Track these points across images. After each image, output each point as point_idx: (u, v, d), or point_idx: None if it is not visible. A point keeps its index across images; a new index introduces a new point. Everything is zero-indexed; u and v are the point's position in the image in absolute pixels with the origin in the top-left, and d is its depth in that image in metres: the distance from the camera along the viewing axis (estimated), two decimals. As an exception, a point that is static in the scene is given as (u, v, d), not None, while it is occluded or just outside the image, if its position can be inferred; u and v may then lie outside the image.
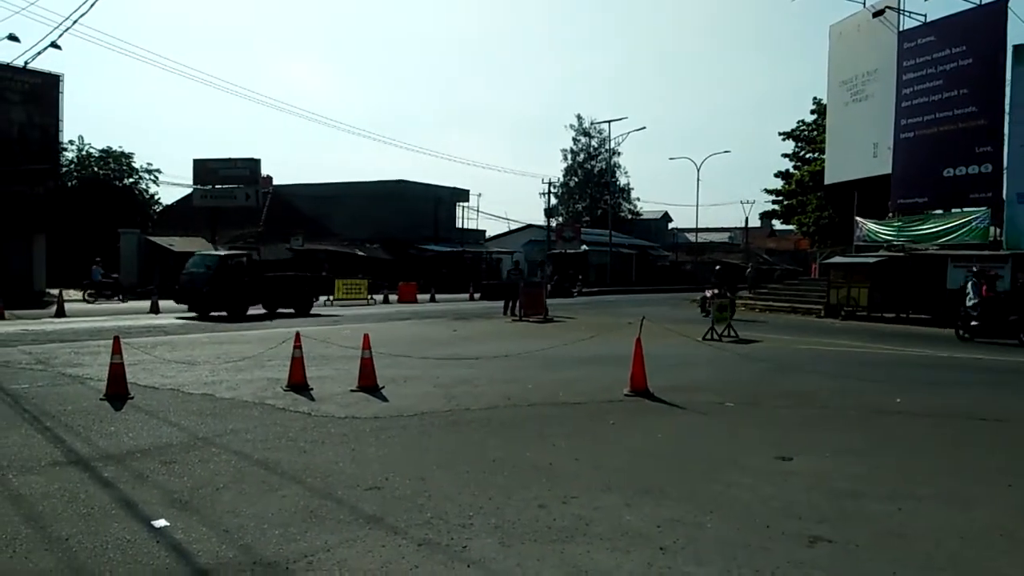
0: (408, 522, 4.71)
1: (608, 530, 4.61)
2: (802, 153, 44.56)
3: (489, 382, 10.34)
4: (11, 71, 29.11)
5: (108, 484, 5.46)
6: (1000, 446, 7.28)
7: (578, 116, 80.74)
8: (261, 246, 41.83)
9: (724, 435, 7.50)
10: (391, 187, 52.20)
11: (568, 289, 42.14)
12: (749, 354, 14.39)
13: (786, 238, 78.72)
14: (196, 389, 9.42)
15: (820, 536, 4.54)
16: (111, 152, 46.70)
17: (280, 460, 6.14)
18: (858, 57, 29.92)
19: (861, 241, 28.51)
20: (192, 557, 4.13)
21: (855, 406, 9.15)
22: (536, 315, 22.49)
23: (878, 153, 28.37)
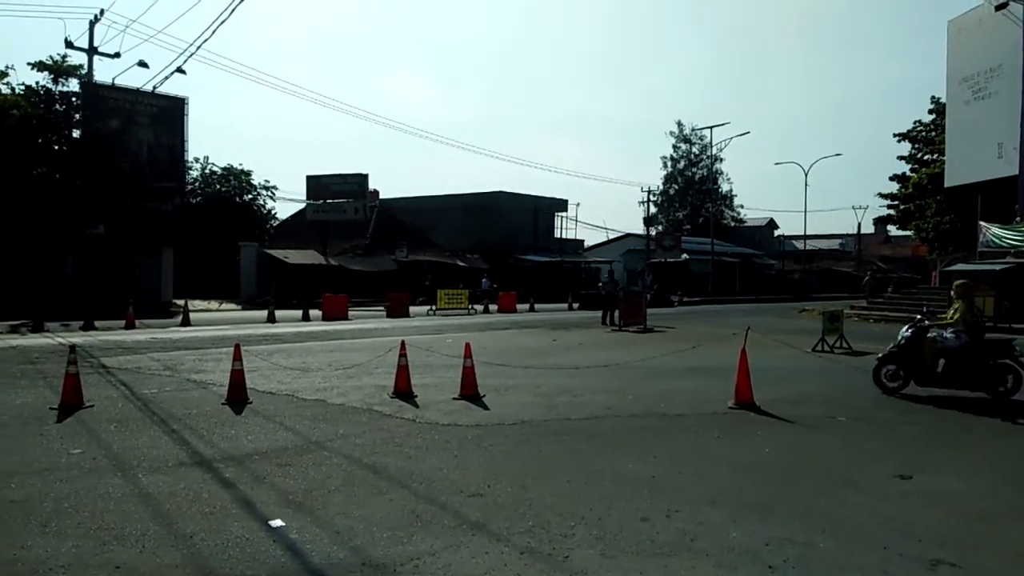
0: (510, 530, 4.76)
1: (713, 546, 4.51)
2: (920, 155, 42.41)
3: (589, 392, 10.30)
4: (141, 95, 31.33)
5: (229, 484, 5.77)
6: None
7: (678, 122, 79.79)
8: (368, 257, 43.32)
9: (836, 450, 7.19)
10: (490, 198, 52.90)
11: (668, 298, 41.46)
12: (863, 366, 13.72)
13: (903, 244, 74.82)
14: (309, 395, 9.83)
15: (942, 560, 4.29)
16: (232, 170, 49.40)
17: (387, 465, 6.33)
18: (980, 53, 28.25)
19: (985, 247, 26.77)
20: (305, 556, 4.32)
21: (980, 422, 8.59)
22: (636, 325, 22.23)
23: (1003, 153, 26.64)
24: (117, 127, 31.66)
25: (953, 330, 9.75)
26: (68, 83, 32.14)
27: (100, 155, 30.70)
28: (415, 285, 38.42)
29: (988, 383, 9.56)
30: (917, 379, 9.96)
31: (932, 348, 9.74)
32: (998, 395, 9.51)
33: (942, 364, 9.68)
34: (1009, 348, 9.51)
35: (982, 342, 9.62)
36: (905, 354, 10.02)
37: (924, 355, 9.77)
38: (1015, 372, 9.46)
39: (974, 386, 9.62)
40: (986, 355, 9.57)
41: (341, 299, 27.93)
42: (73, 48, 29.99)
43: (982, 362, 9.53)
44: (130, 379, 11.05)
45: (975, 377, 9.57)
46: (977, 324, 9.84)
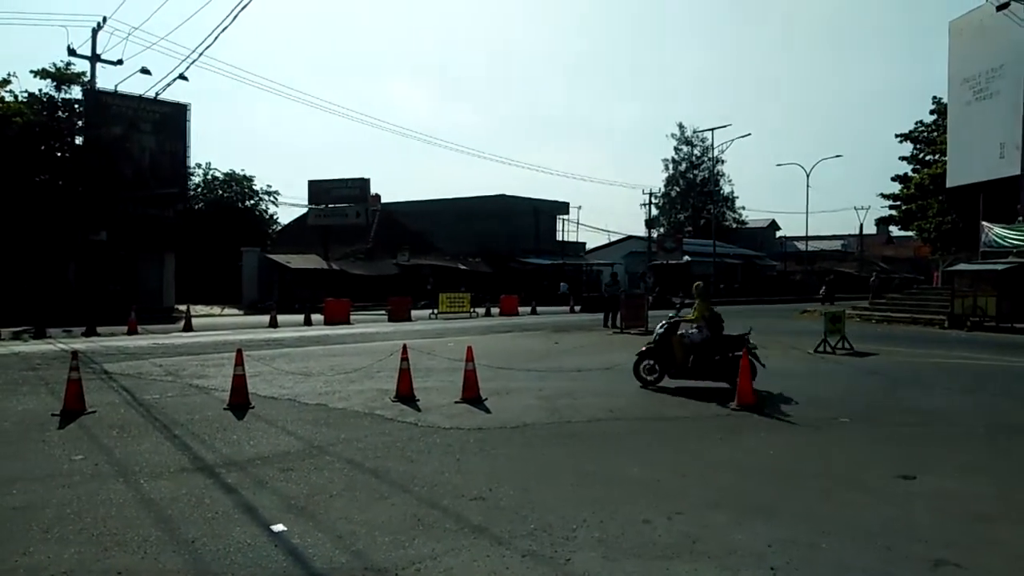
0: (512, 533, 4.75)
1: (716, 548, 4.50)
2: (921, 155, 42.30)
3: (591, 395, 10.29)
4: (143, 102, 31.34)
5: (231, 489, 5.77)
6: None
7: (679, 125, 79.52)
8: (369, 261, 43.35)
9: (839, 452, 7.17)
10: (492, 202, 52.92)
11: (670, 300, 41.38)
12: (865, 367, 13.73)
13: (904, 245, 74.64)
14: (311, 399, 9.83)
15: (946, 560, 4.28)
16: (234, 175, 49.43)
17: (389, 469, 6.33)
18: (981, 53, 28.23)
19: (987, 247, 26.70)
20: (308, 561, 4.32)
21: (983, 423, 8.57)
22: (637, 327, 22.21)
23: (1005, 153, 26.61)
24: (120, 134, 31.71)
25: (696, 326, 10.59)
26: (71, 90, 32.23)
27: (102, 162, 30.75)
28: (417, 289, 38.43)
29: (727, 374, 10.20)
30: (670, 372, 10.70)
31: (680, 343, 10.51)
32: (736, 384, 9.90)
33: (691, 359, 10.40)
34: (743, 341, 10.29)
35: (721, 337, 10.51)
36: (660, 349, 10.74)
37: (674, 350, 10.53)
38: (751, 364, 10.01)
39: (716, 376, 10.39)
40: (725, 348, 10.38)
41: (343, 303, 27.94)
42: (76, 56, 30.03)
43: (722, 355, 10.33)
44: (132, 385, 11.05)
45: (716, 368, 10.38)
46: (715, 319, 10.58)
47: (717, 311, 10.80)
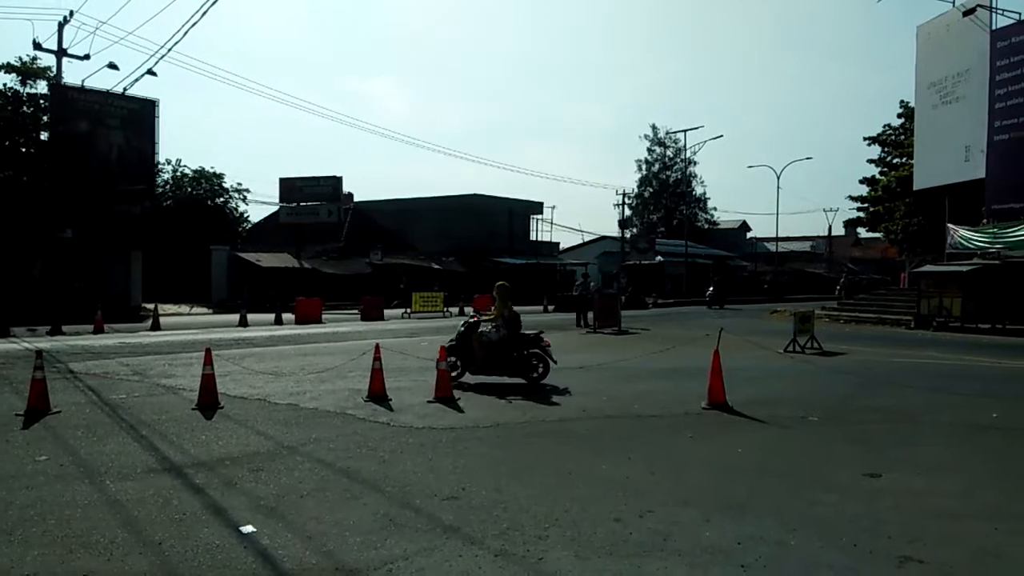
0: (484, 532, 4.75)
1: (687, 546, 4.54)
2: (889, 158, 43.03)
3: (564, 394, 10.32)
4: (111, 97, 30.81)
5: (199, 490, 5.69)
6: (1111, 465, 6.83)
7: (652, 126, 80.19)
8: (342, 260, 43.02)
9: (808, 450, 7.27)
10: (466, 201, 52.82)
11: (643, 300, 41.66)
12: (834, 367, 13.92)
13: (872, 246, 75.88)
14: (282, 399, 9.74)
15: (911, 556, 4.36)
16: (204, 172, 48.79)
17: (360, 469, 6.29)
18: (947, 58, 28.75)
19: (953, 249, 27.25)
20: (277, 563, 4.27)
21: (948, 421, 8.74)
22: (610, 327, 22.32)
23: (971, 157, 27.14)
24: (86, 129, 31.12)
25: (493, 325, 11.10)
26: (36, 85, 31.52)
27: (69, 158, 30.17)
28: (390, 288, 38.21)
29: (522, 370, 10.92)
30: (470, 369, 11.15)
31: (479, 341, 10.98)
32: (532, 380, 10.90)
33: (489, 356, 10.92)
34: (538, 340, 11.00)
35: (518, 335, 11.01)
36: (460, 347, 11.19)
37: (473, 347, 10.97)
38: (544, 360, 11.01)
39: (512, 372, 10.93)
40: (520, 346, 10.95)
41: (314, 302, 27.72)
42: (42, 50, 29.46)
43: (518, 352, 10.91)
44: (98, 384, 10.87)
45: (512, 365, 10.91)
46: (514, 319, 11.00)
47: (516, 311, 11.19)
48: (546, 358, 11.05)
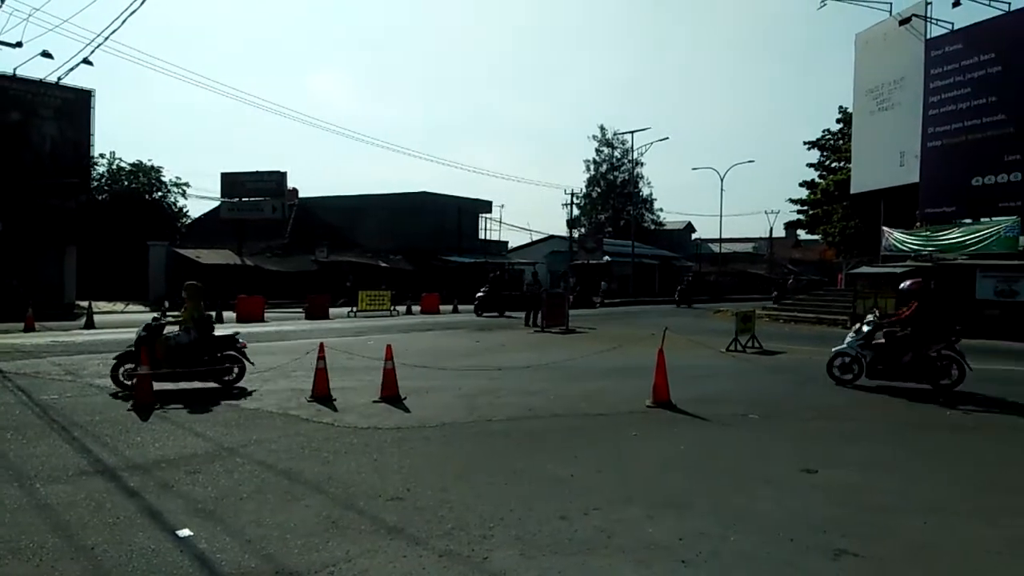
0: (429, 533, 4.71)
1: (630, 542, 4.58)
2: (828, 162, 44.18)
3: (511, 393, 10.33)
4: (44, 87, 29.70)
5: (134, 494, 5.53)
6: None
7: (600, 127, 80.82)
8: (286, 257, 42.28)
9: (748, 447, 7.42)
10: (414, 199, 52.45)
11: (591, 300, 42.01)
12: (773, 365, 14.25)
13: (811, 248, 77.95)
14: (221, 399, 9.51)
15: (845, 550, 4.48)
16: (141, 166, 47.48)
17: (303, 470, 6.18)
18: (884, 66, 29.65)
19: (888, 251, 28.13)
20: (215, 566, 4.17)
21: (882, 418, 9.02)
22: (558, 326, 22.44)
23: (905, 162, 28.04)
24: (17, 119, 29.93)
25: (183, 328, 10.51)
26: (-38, 72, 30.24)
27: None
28: (336, 286, 37.69)
29: (215, 374, 10.33)
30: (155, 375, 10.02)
31: (166, 345, 10.18)
32: (225, 383, 10.33)
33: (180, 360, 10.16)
34: (232, 341, 10.56)
35: (211, 337, 10.52)
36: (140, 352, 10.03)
37: (157, 352, 10.00)
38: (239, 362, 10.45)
39: (203, 376, 10.28)
40: (213, 348, 10.46)
41: (257, 300, 27.16)
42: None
43: (211, 355, 10.37)
44: (28, 384, 10.47)
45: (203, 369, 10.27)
46: (204, 321, 10.63)
47: (208, 313, 10.68)
48: (242, 360, 10.55)
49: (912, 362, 10.46)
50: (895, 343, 10.57)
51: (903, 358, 10.41)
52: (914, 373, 10.53)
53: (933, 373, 10.49)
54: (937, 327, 10.63)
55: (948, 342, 10.54)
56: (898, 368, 10.45)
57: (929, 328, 10.52)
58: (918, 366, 10.49)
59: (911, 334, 10.52)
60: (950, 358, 10.50)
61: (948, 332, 10.62)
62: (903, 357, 10.42)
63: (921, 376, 10.54)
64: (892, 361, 10.57)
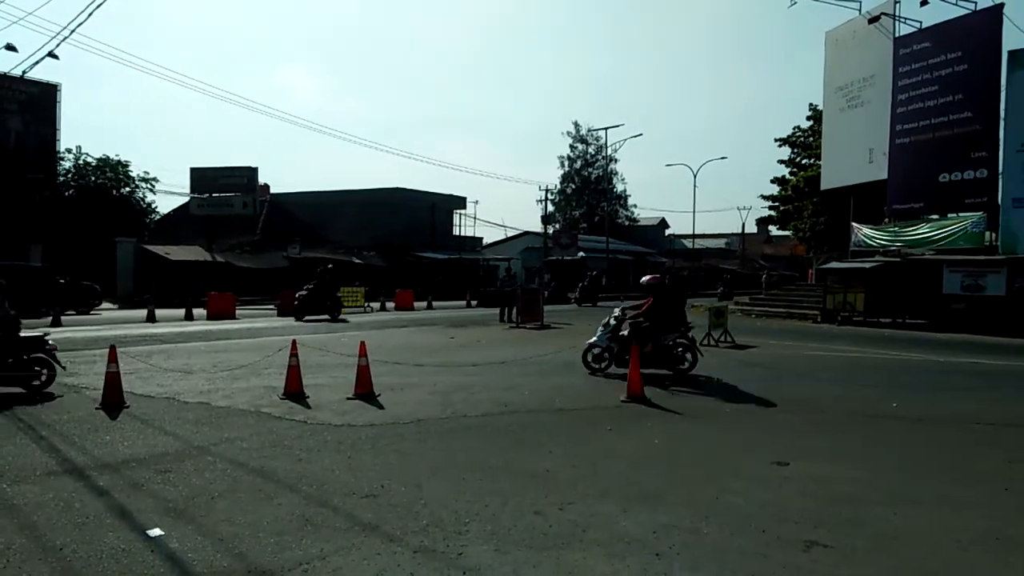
0: (404, 529, 4.70)
1: (604, 536, 4.60)
2: (798, 159, 44.70)
3: (486, 389, 10.33)
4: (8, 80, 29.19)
5: (103, 493, 5.44)
6: (995, 449, 7.28)
7: (575, 123, 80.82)
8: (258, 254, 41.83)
9: (721, 440, 7.50)
10: (388, 194, 52.18)
11: (566, 295, 42.15)
12: (745, 359, 14.40)
13: (782, 244, 78.81)
14: (192, 398, 9.40)
15: (816, 541, 4.54)
16: (108, 161, 46.65)
17: (276, 469, 6.13)
18: (853, 63, 30.05)
19: (857, 247, 28.55)
20: (186, 566, 4.12)
21: (852, 411, 9.16)
22: (533, 322, 22.48)
23: (874, 159, 28.45)
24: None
25: None
26: (-78, 65, 29.58)
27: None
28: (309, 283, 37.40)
29: (20, 379, 9.52)
30: None
31: None
32: (33, 388, 9.52)
33: None
34: (41, 343, 9.76)
35: (16, 338, 9.63)
36: None
37: None
38: (49, 365, 9.69)
39: (7, 382, 9.51)
40: (19, 350, 9.61)
41: (227, 297, 26.85)
42: (-72, 27, 27.60)
43: (15, 358, 9.54)
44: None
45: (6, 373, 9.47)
46: (8, 320, 9.73)
47: (14, 313, 9.83)
48: (52, 363, 9.73)
49: (653, 351, 11.36)
50: (638, 334, 11.31)
51: (644, 348, 11.09)
52: (655, 360, 11.42)
53: (671, 360, 11.57)
54: (671, 319, 11.62)
55: (680, 332, 11.66)
56: (642, 356, 11.00)
57: (664, 320, 11.51)
58: (658, 354, 11.45)
59: (650, 326, 11.45)
60: (685, 346, 11.64)
61: (680, 324, 11.70)
62: (644, 347, 11.10)
63: (661, 363, 11.51)
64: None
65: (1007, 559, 4.39)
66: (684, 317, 12.02)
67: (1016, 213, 22.82)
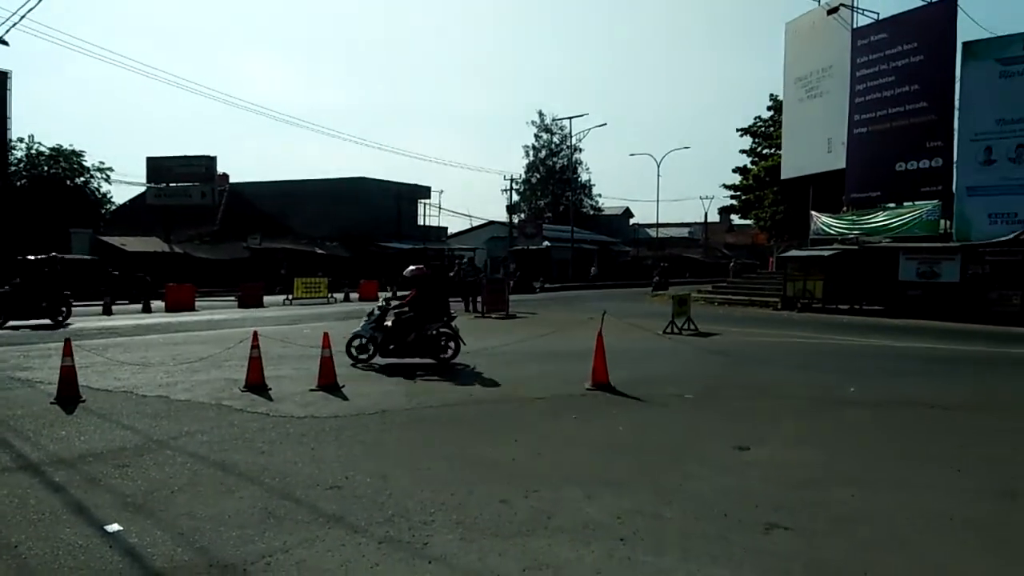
0: (369, 520, 4.67)
1: (569, 523, 4.63)
2: (759, 149, 45.12)
3: (451, 379, 10.30)
4: (-46, 67, 28.19)
5: (59, 489, 5.32)
6: (948, 432, 7.49)
7: (539, 112, 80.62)
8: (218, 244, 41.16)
9: (683, 427, 7.59)
10: (351, 184, 51.66)
11: (531, 285, 42.21)
12: (708, 347, 14.57)
13: (744, 232, 79.86)
14: (150, 391, 9.23)
15: (776, 523, 4.62)
16: (61, 150, 45.49)
17: (237, 461, 6.04)
18: (813, 54, 30.44)
19: (816, 235, 29.02)
20: (146, 561, 4.05)
21: (811, 396, 9.33)
22: (498, 311, 22.48)
23: (832, 148, 28.91)
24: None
25: None
26: None
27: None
28: (270, 274, 36.95)
29: None
30: None
31: None
32: None
33: None
34: None
35: None
36: None
37: None
38: None
39: None
40: None
41: (186, 289, 26.38)
42: None
43: None
44: (-58, 379, 9.94)
45: None
46: None
47: None
48: None
49: (416, 340, 11.44)
50: (401, 324, 11.45)
51: (408, 337, 11.35)
52: (419, 349, 11.51)
53: (434, 349, 11.61)
54: (434, 310, 11.73)
55: (444, 322, 11.74)
56: (405, 346, 11.41)
57: (427, 310, 11.59)
58: (421, 343, 11.50)
59: (413, 316, 11.49)
60: (448, 335, 11.68)
61: (443, 314, 11.85)
62: (408, 336, 11.36)
63: (425, 352, 11.54)
64: (400, 340, 11.45)
65: (962, 538, 4.52)
66: (447, 307, 12.18)
67: (970, 201, 23.41)
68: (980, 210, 23.15)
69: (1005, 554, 4.29)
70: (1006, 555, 4.28)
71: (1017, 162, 22.50)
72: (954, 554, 4.27)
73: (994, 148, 22.88)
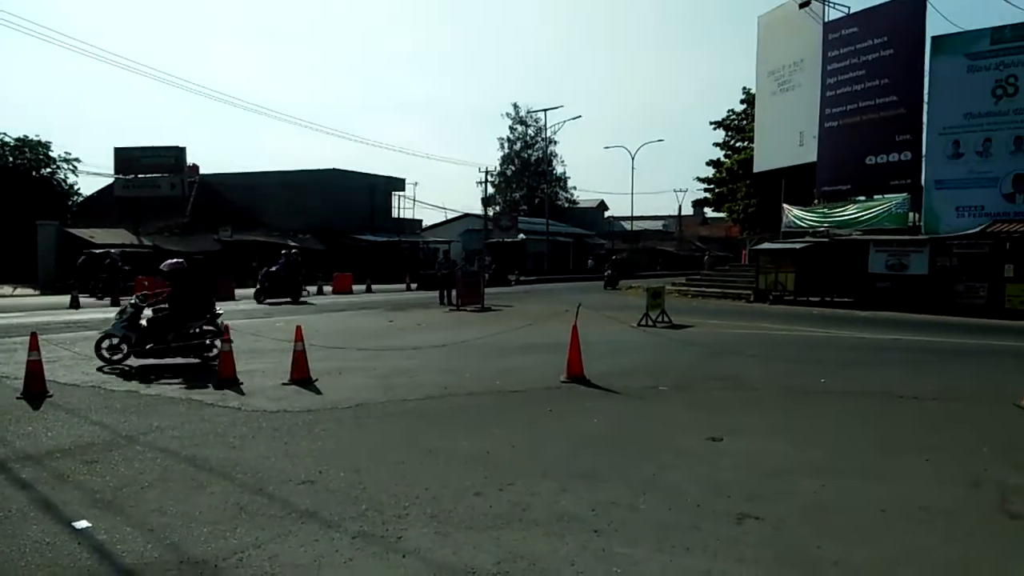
0: (342, 515, 4.64)
1: (544, 515, 4.64)
2: (732, 142, 45.42)
3: (426, 372, 10.27)
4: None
5: (26, 485, 5.23)
6: (918, 423, 7.60)
7: (514, 105, 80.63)
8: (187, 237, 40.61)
9: (658, 418, 7.63)
10: (324, 176, 51.13)
11: (506, 278, 42.20)
12: (682, 339, 14.67)
13: (718, 225, 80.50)
14: (119, 386, 9.10)
15: (748, 513, 4.67)
16: (27, 141, 44.57)
17: (208, 457, 5.97)
18: (785, 48, 30.65)
19: (788, 227, 29.29)
20: (115, 558, 3.99)
21: (782, 387, 9.43)
22: (473, 304, 22.45)
23: (804, 142, 29.18)
24: None
25: None
26: None
27: None
28: (241, 267, 36.55)
29: None
30: None
31: None
32: None
33: None
34: None
35: None
36: None
37: None
38: None
39: None
40: None
41: (157, 282, 25.98)
42: None
43: None
44: (-97, 375, 9.71)
45: None
46: None
47: None
48: None
49: (176, 339, 10.80)
50: (158, 323, 10.83)
51: (167, 336, 10.79)
52: (180, 349, 10.87)
53: (197, 348, 10.99)
54: (195, 306, 11.06)
55: (207, 319, 11.08)
56: (166, 346, 10.81)
57: (187, 308, 10.93)
58: (183, 343, 10.87)
59: (171, 314, 10.88)
60: (213, 333, 10.98)
61: (206, 310, 11.14)
62: (167, 335, 10.79)
63: (187, 351, 10.92)
64: (159, 339, 10.82)
65: (929, 525, 4.59)
66: (212, 304, 11.41)
67: (938, 194, 23.77)
68: (948, 203, 23.52)
69: (974, 542, 4.37)
70: (976, 543, 4.36)
71: (984, 156, 22.88)
72: (923, 542, 4.34)
73: (962, 142, 23.23)
